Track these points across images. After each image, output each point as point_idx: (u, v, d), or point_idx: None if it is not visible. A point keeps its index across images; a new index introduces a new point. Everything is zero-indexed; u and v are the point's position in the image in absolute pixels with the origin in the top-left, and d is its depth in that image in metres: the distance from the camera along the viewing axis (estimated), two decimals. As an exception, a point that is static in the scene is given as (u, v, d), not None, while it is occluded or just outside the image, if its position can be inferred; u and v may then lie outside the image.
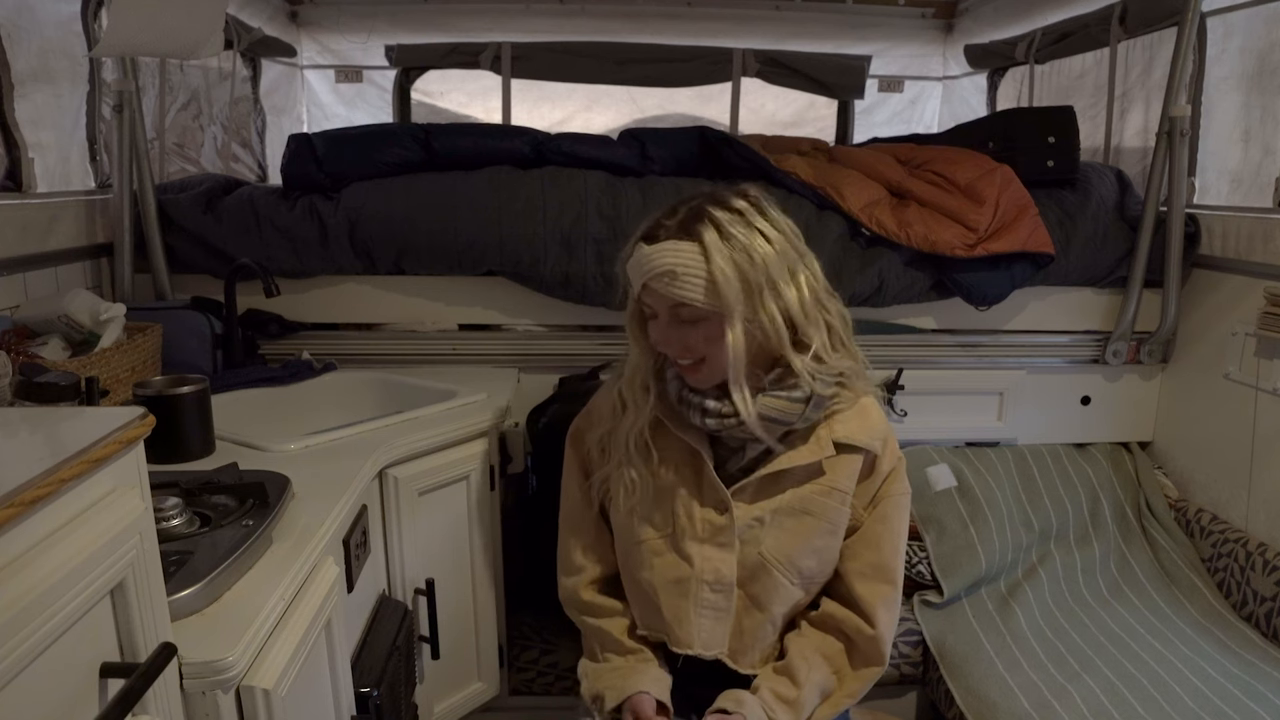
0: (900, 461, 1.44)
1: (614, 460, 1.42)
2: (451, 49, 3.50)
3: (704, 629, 1.39)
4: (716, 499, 1.37)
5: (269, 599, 1.03)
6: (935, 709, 1.98)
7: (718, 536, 1.37)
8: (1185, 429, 2.34)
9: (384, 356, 2.23)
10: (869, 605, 1.39)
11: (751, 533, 1.37)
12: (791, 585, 1.39)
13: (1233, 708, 1.65)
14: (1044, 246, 2.16)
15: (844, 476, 1.38)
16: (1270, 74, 2.22)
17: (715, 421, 1.32)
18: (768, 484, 1.37)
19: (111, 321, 1.75)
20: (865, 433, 1.38)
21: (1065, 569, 2.16)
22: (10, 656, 0.63)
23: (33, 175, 1.99)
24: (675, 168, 2.31)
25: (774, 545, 1.37)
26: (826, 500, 1.37)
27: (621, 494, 1.42)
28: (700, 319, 1.28)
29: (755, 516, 1.37)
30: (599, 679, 1.43)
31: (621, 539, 1.46)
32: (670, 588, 1.39)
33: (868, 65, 3.64)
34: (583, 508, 1.50)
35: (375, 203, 2.13)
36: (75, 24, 2.14)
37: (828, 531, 1.39)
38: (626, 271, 1.34)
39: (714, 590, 1.38)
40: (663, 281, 1.27)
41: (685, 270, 1.26)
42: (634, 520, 1.41)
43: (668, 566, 1.39)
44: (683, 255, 1.27)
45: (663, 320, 1.31)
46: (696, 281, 1.26)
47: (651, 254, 1.28)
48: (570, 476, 1.52)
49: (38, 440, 0.83)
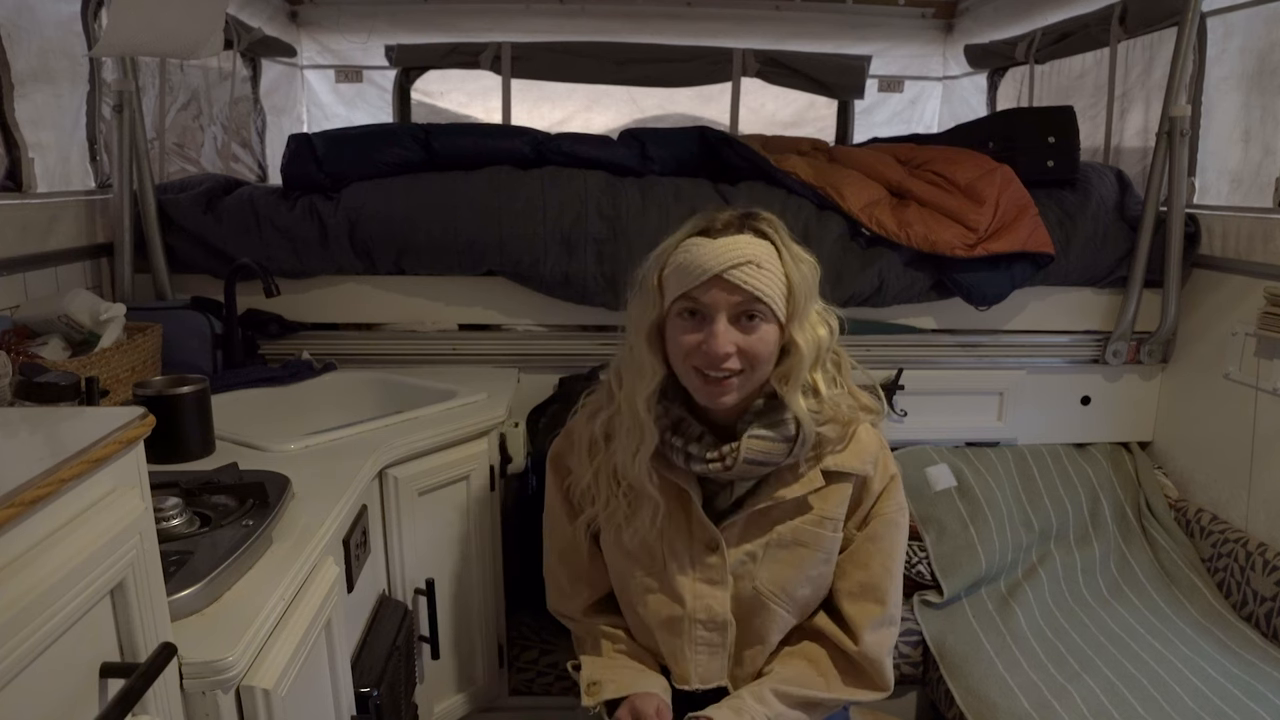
0: (893, 480, 1.38)
1: (603, 498, 1.37)
2: (451, 49, 3.50)
3: (700, 664, 1.37)
4: (707, 537, 1.34)
5: (269, 599, 1.02)
6: (935, 709, 1.98)
7: (709, 574, 1.34)
8: (1185, 429, 2.34)
9: (384, 356, 2.23)
10: (856, 624, 1.36)
11: (745, 568, 1.35)
12: (788, 615, 1.38)
13: (1233, 708, 1.64)
14: (1044, 246, 2.16)
15: (834, 504, 1.35)
16: (1270, 74, 2.22)
17: (700, 466, 1.29)
18: (757, 519, 1.34)
19: (111, 321, 1.75)
20: (855, 458, 1.34)
21: (1065, 569, 2.16)
22: (10, 656, 0.63)
23: (33, 175, 1.99)
24: (675, 168, 2.31)
25: (768, 578, 1.35)
26: (819, 530, 1.34)
27: (612, 533, 1.39)
28: (761, 323, 1.24)
29: (747, 552, 1.34)
30: (604, 669, 1.40)
31: (615, 575, 1.43)
32: (664, 626, 1.37)
33: (868, 65, 3.64)
34: (571, 535, 1.45)
35: (375, 203, 2.13)
36: (75, 24, 2.14)
37: (822, 560, 1.36)
38: (667, 274, 1.27)
39: (708, 628, 1.35)
40: (746, 270, 1.21)
41: (767, 262, 1.22)
42: (626, 558, 1.39)
43: (660, 605, 1.37)
44: (760, 248, 1.23)
45: (722, 320, 1.23)
46: (775, 278, 1.23)
47: (727, 244, 1.22)
48: (554, 500, 1.47)
49: (38, 440, 0.83)
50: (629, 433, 1.31)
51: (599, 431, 1.37)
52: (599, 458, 1.37)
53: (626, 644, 1.44)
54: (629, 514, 1.34)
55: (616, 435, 1.34)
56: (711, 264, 1.22)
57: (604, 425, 1.37)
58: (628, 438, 1.31)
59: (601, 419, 1.37)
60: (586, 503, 1.40)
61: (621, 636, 1.45)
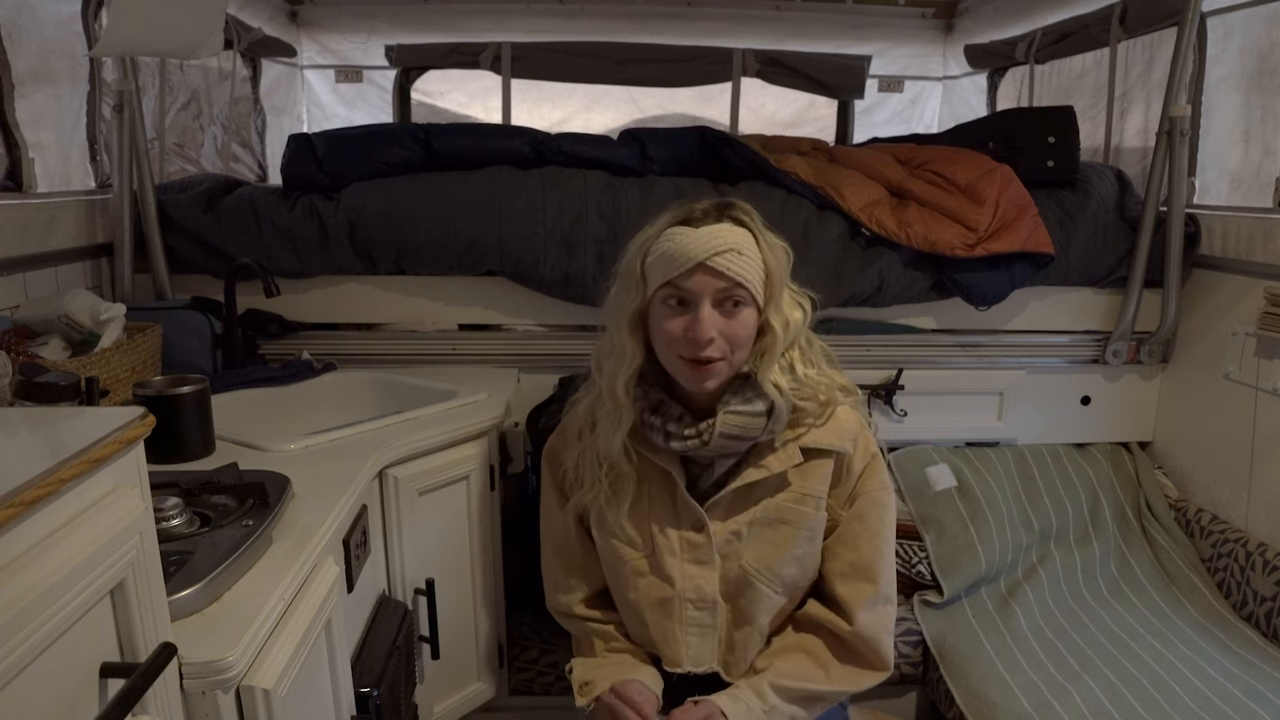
0: (875, 459, 1.41)
1: (588, 481, 1.41)
2: (451, 49, 3.50)
3: (691, 646, 1.39)
4: (692, 517, 1.37)
5: (269, 599, 1.02)
6: (935, 709, 1.98)
7: (697, 554, 1.37)
8: (1185, 429, 2.34)
9: (384, 356, 2.23)
10: (849, 605, 1.37)
11: (731, 547, 1.37)
12: (776, 594, 1.39)
13: (1233, 708, 1.65)
14: (1044, 246, 2.16)
15: (815, 482, 1.37)
16: (1270, 74, 2.22)
17: (679, 444, 1.32)
18: (740, 497, 1.37)
19: (111, 321, 1.74)
20: (833, 435, 1.37)
21: (1065, 569, 2.16)
22: (10, 656, 0.63)
23: (33, 175, 1.99)
24: (675, 168, 2.31)
25: (754, 557, 1.37)
26: (801, 507, 1.37)
27: (597, 515, 1.42)
28: (742, 308, 1.28)
29: (732, 531, 1.37)
30: (595, 669, 1.43)
31: (605, 560, 1.46)
32: (655, 608, 1.39)
33: (868, 65, 3.64)
34: (564, 530, 1.49)
35: (375, 203, 2.13)
36: (75, 24, 2.14)
37: (806, 539, 1.38)
38: (649, 263, 1.30)
39: (698, 608, 1.38)
40: (728, 258, 1.25)
41: (747, 249, 1.27)
42: (614, 542, 1.41)
43: (651, 587, 1.39)
44: (739, 236, 1.28)
45: (706, 306, 1.27)
46: (754, 264, 1.28)
47: (709, 233, 1.26)
48: (549, 497, 1.51)
49: (38, 440, 0.83)
50: (608, 415, 1.36)
51: (585, 420, 1.42)
52: (585, 442, 1.41)
53: (619, 640, 1.46)
54: (610, 495, 1.38)
55: (599, 420, 1.38)
56: (696, 252, 1.26)
57: (589, 411, 1.42)
58: (607, 419, 1.36)
59: (585, 405, 1.43)
60: (575, 487, 1.44)
61: (614, 634, 1.46)
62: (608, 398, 1.35)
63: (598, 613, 1.49)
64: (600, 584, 1.50)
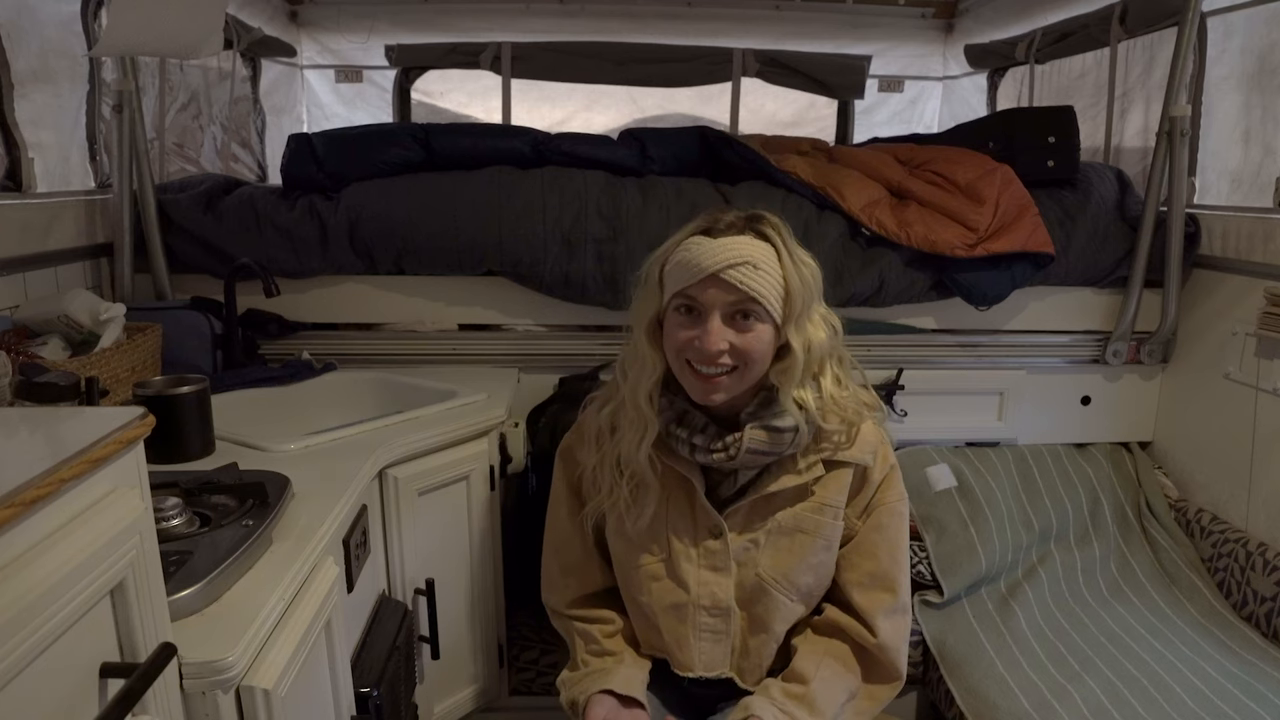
0: (893, 470, 1.41)
1: (606, 486, 1.39)
2: (451, 49, 3.51)
3: (704, 651, 1.39)
4: (710, 524, 1.36)
5: (269, 599, 1.02)
6: (935, 709, 1.98)
7: (713, 561, 1.36)
8: (1185, 429, 2.34)
9: (384, 356, 2.23)
10: (869, 614, 1.37)
11: (747, 555, 1.37)
12: (791, 602, 1.39)
13: (1233, 708, 1.65)
14: (1044, 246, 2.16)
15: (834, 492, 1.37)
16: (1270, 74, 2.22)
17: (704, 457, 1.32)
18: (760, 506, 1.36)
19: (111, 321, 1.74)
20: (856, 449, 1.36)
21: (1065, 569, 2.16)
22: (10, 656, 0.63)
23: (33, 175, 1.99)
24: (675, 168, 2.31)
25: (771, 565, 1.37)
26: (819, 517, 1.37)
27: (615, 520, 1.41)
28: (755, 322, 1.26)
29: (750, 539, 1.36)
30: (575, 685, 1.42)
31: (619, 563, 1.45)
32: (669, 612, 1.39)
33: (868, 65, 3.64)
34: (569, 529, 1.48)
35: (375, 203, 2.13)
36: (75, 24, 2.14)
37: (823, 548, 1.38)
38: (667, 270, 1.29)
39: (712, 614, 1.38)
40: (743, 271, 1.23)
41: (764, 264, 1.25)
42: (630, 546, 1.41)
43: (665, 591, 1.39)
44: (759, 250, 1.26)
45: (715, 319, 1.25)
46: (771, 280, 1.25)
47: (725, 244, 1.25)
48: (558, 494, 1.50)
49: (38, 440, 0.83)
50: (632, 424, 1.34)
51: (605, 422, 1.41)
52: (604, 447, 1.40)
53: (598, 644, 1.45)
54: (630, 502, 1.37)
55: (620, 426, 1.37)
56: (708, 263, 1.24)
57: (610, 416, 1.40)
58: (631, 428, 1.35)
59: (608, 410, 1.41)
60: (593, 491, 1.43)
61: (595, 636, 1.45)
62: (631, 406, 1.34)
63: (583, 612, 1.49)
64: (594, 586, 1.50)
